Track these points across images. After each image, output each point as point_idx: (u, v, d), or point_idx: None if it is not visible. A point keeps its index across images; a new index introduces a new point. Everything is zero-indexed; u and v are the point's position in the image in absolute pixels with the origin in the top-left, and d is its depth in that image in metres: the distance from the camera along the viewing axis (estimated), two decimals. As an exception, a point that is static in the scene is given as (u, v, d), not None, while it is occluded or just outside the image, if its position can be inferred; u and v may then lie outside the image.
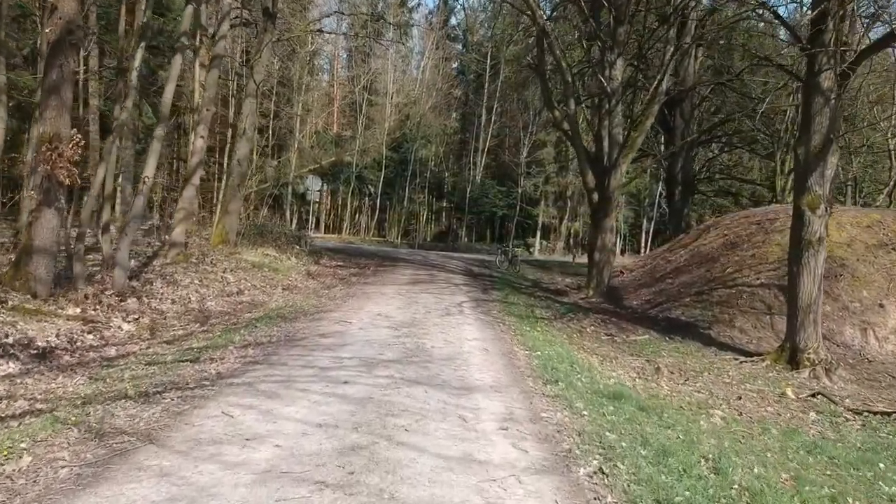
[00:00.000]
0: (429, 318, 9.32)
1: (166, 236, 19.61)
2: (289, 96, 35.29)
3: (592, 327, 11.76)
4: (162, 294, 10.83)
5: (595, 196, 14.80)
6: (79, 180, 7.96)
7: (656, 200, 36.34)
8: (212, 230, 17.96)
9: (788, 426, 6.04)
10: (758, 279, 12.48)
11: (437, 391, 5.09)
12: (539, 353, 7.51)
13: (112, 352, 7.03)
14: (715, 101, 20.79)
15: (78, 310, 8.30)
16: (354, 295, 11.85)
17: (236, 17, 18.62)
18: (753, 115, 16.86)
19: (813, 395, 8.13)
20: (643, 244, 38.50)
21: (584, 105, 15.37)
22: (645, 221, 38.90)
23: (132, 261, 13.08)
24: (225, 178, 19.78)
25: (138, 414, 4.28)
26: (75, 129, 8.33)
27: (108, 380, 5.36)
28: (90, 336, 7.51)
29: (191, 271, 12.78)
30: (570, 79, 14.09)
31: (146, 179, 10.40)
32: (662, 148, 21.57)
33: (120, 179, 17.83)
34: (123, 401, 4.62)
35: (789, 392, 8.14)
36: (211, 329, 8.39)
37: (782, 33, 18.06)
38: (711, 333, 11.37)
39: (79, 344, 7.08)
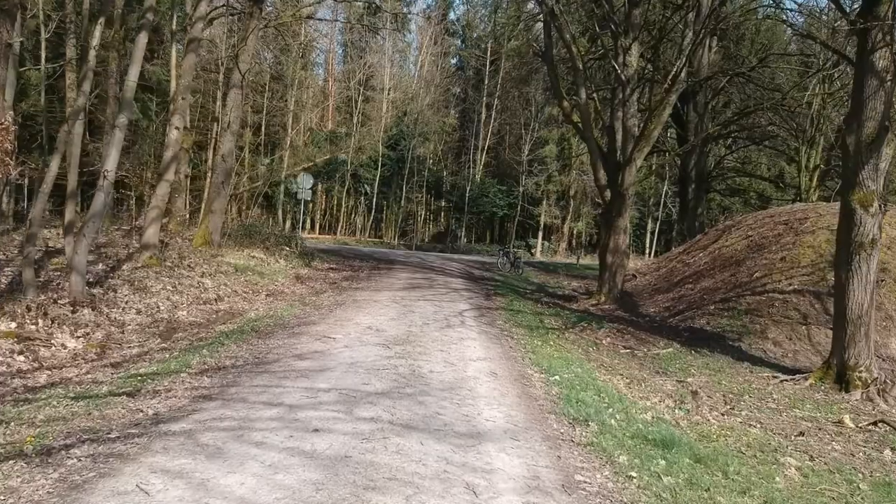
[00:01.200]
0: (426, 332, 8.11)
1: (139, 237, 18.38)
2: (282, 93, 34.09)
3: (608, 339, 10.57)
4: (126, 302, 9.63)
5: (607, 194, 13.62)
6: (12, 171, 6.74)
7: (662, 200, 35.18)
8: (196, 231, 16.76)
9: (872, 475, 4.86)
10: (790, 285, 11.30)
11: (436, 442, 3.89)
12: (557, 377, 6.31)
13: (42, 378, 5.82)
14: (730, 94, 19.61)
15: (13, 324, 7.09)
16: (344, 303, 10.65)
17: (222, 3, 17.43)
18: (777, 106, 15.69)
19: (874, 424, 6.96)
20: (648, 246, 37.33)
21: (595, 95, 14.16)
22: (650, 222, 37.71)
23: (99, 265, 11.88)
24: (210, 175, 18.59)
25: (20, 487, 3.07)
26: (12, 114, 7.13)
27: (13, 423, 4.15)
28: (20, 358, 6.29)
29: (164, 276, 11.58)
30: (581, 65, 12.90)
31: (106, 174, 9.19)
32: (676, 144, 20.38)
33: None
34: (14, 461, 3.42)
35: (847, 420, 6.94)
36: (172, 346, 7.18)
37: (799, 20, 16.91)
38: (742, 346, 10.19)
39: (1, 369, 5.87)
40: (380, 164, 33.55)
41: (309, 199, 20.54)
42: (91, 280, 10.22)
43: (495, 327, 9.55)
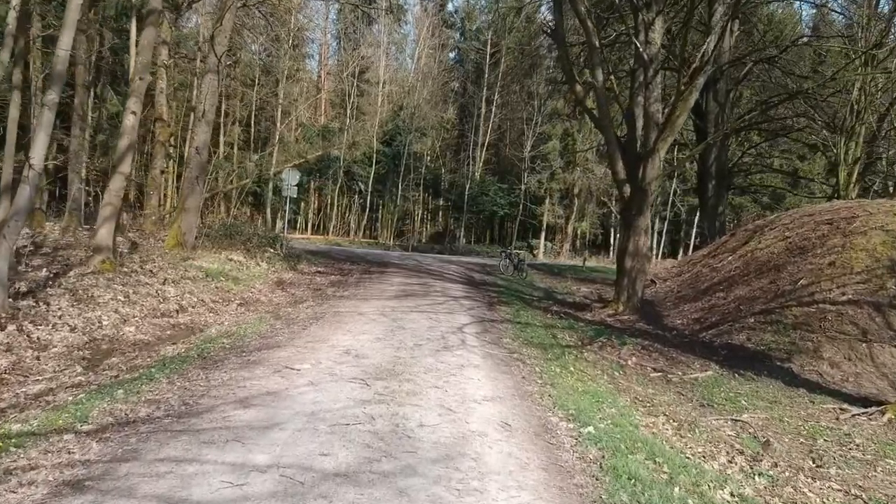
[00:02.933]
0: (418, 358, 6.50)
1: (91, 238, 16.76)
2: (272, 86, 32.47)
3: (634, 358, 8.98)
4: (60, 317, 8.03)
5: (626, 189, 12.03)
6: None
7: (670, 199, 33.59)
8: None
9: None
10: (843, 294, 9.72)
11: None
12: (591, 427, 4.71)
13: None
14: (753, 83, 18.01)
15: None
16: (323, 316, 9.04)
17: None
18: (809, 94, 14.11)
19: None
20: (656, 247, 35.72)
21: (612, 77, 12.56)
22: (657, 222, 36.08)
23: (43, 270, 10.28)
24: (185, 169, 16.97)
25: None
26: None
27: None
28: None
29: (117, 284, 9.99)
30: (597, 42, 11.28)
31: (32, 163, 7.58)
32: (694, 137, 18.77)
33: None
34: None
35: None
36: (91, 380, 5.58)
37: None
38: (793, 367, 8.62)
39: None
40: (374, 161, 31.86)
41: (295, 196, 18.91)
42: (22, 290, 8.63)
43: (502, 347, 7.95)
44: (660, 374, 8.33)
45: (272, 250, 17.38)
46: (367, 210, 33.89)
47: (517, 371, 6.57)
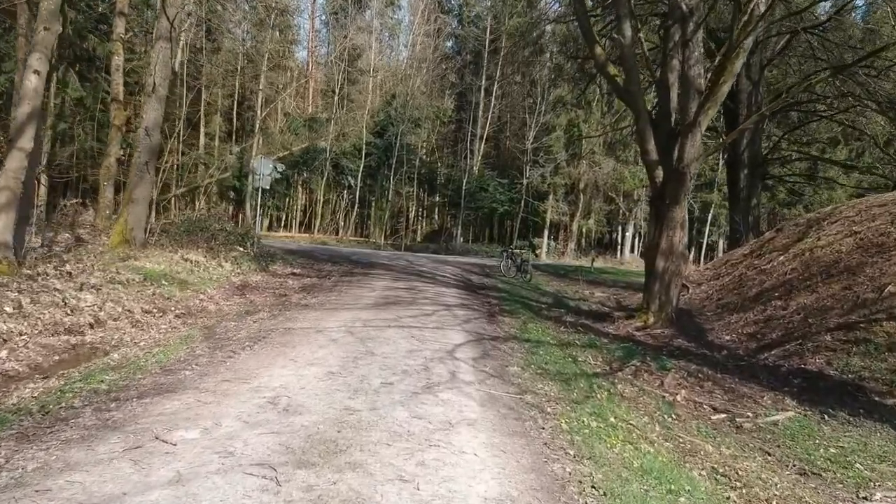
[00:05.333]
0: (382, 413, 4.24)
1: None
2: (254, 73, 30.21)
3: (684, 391, 6.74)
4: None
5: (658, 173, 9.80)
6: None
7: (681, 195, 31.27)
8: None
9: None
10: (950, 305, 7.49)
11: None
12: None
13: None
14: (790, 58, 15.76)
15: None
16: (268, 335, 6.78)
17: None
18: (865, 67, 11.91)
19: None
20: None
21: (640, 34, 10.31)
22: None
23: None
24: (135, 154, 14.69)
25: None
26: None
27: None
28: None
29: (11, 290, 7.77)
30: (625, -12, 9.04)
31: None
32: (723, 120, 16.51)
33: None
34: None
35: None
36: None
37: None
38: (900, 405, 6.37)
39: None
40: (363, 153, 29.50)
41: (268, 187, 16.66)
42: None
43: (508, 381, 5.69)
44: (724, 415, 6.09)
45: (241, 249, 15.13)
46: (356, 206, 31.44)
47: (534, 430, 4.31)
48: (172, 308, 9.04)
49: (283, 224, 33.14)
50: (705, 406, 6.46)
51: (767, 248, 11.20)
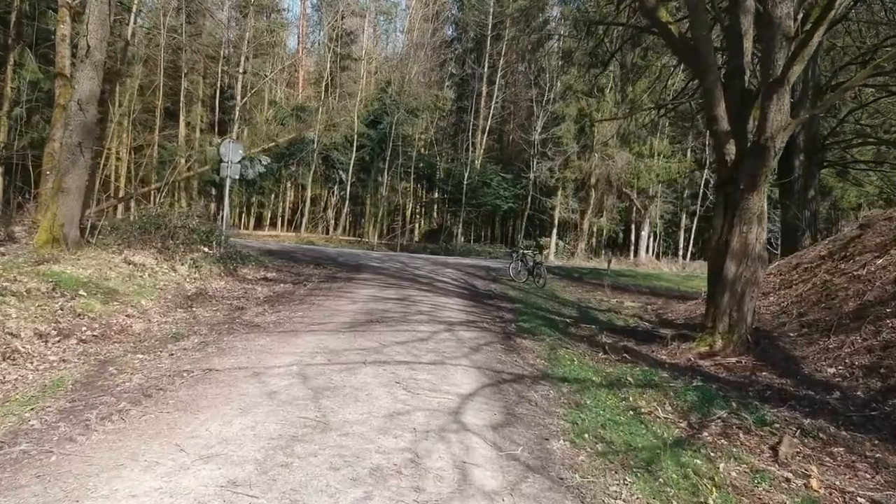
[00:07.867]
0: None
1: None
2: (237, 59, 27.79)
3: (813, 467, 4.34)
4: None
5: (730, 148, 7.41)
6: None
7: (700, 191, 28.97)
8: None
9: None
10: None
11: None
12: None
13: None
14: (849, 28, 13.35)
15: None
16: (172, 384, 4.37)
17: None
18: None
19: None
20: (683, 246, 31.12)
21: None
22: (684, 217, 31.45)
23: None
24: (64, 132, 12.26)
25: None
26: None
27: None
28: None
29: None
30: None
31: None
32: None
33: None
34: None
35: None
36: None
37: None
38: None
39: None
40: (355, 145, 27.01)
41: (237, 176, 14.27)
42: None
43: (560, 482, 3.28)
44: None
45: (206, 250, 12.70)
46: (347, 202, 28.87)
47: None
48: (84, 328, 6.68)
49: (269, 222, 30.69)
50: (858, 498, 4.07)
51: (855, 249, 8.80)
